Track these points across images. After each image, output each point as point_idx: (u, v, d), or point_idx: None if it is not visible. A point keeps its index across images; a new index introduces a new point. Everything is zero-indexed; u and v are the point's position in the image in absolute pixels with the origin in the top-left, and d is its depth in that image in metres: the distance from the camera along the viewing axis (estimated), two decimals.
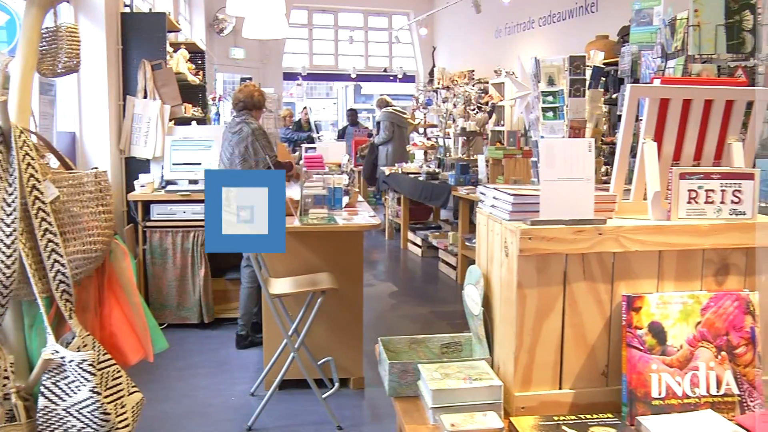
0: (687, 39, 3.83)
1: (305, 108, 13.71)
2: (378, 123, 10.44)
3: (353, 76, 16.07)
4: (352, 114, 13.53)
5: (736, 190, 2.08)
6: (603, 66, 5.80)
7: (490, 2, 10.62)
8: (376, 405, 4.39)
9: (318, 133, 12.49)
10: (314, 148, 4.65)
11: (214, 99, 9.67)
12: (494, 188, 2.14)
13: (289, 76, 15.75)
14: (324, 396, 4.10)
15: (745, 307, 2.03)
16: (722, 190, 2.07)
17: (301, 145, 5.00)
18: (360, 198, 5.46)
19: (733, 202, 2.08)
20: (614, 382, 2.04)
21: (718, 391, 1.99)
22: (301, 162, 4.56)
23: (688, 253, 2.04)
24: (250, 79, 9.36)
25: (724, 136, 2.19)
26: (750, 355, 2.01)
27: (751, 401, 2.01)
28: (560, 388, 2.03)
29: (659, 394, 1.96)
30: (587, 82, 4.75)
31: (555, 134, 5.22)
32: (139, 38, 6.03)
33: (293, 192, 4.59)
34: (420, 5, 15.39)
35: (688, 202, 2.06)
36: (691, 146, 2.16)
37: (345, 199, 4.84)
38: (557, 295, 1.98)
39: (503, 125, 10.34)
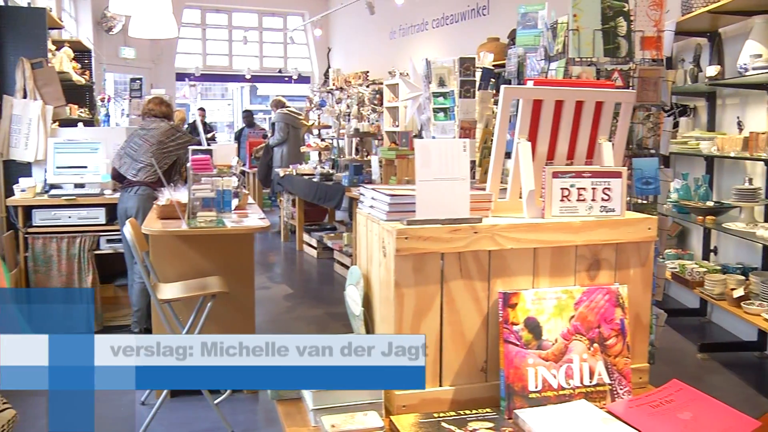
0: (567, 42, 3.95)
1: (199, 110, 13.46)
2: (273, 124, 10.35)
3: (248, 77, 15.86)
4: (248, 115, 13.36)
5: (605, 188, 2.16)
6: (492, 68, 5.93)
7: (384, 4, 10.69)
8: (269, 409, 4.34)
9: (208, 134, 12.23)
10: (200, 150, 4.56)
11: (103, 100, 9.35)
12: (372, 189, 2.16)
13: (183, 76, 15.41)
14: (216, 402, 4.04)
15: (616, 300, 2.11)
16: (593, 188, 2.15)
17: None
18: (250, 200, 5.40)
19: (603, 199, 2.16)
20: (493, 377, 2.08)
21: (590, 382, 2.07)
22: (189, 164, 4.46)
23: (562, 250, 2.11)
24: (140, 79, 9.07)
25: (595, 136, 2.27)
26: (620, 345, 2.10)
27: (621, 389, 2.10)
28: (441, 385, 2.06)
29: (536, 387, 2.02)
30: (477, 84, 4.84)
31: (446, 134, 5.30)
32: (17, 34, 5.76)
33: (181, 195, 4.50)
34: (315, 6, 15.34)
35: (561, 201, 2.13)
36: (564, 146, 2.23)
37: (234, 202, 4.77)
38: (435, 294, 2.00)
39: (398, 126, 10.43)
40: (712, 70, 5.32)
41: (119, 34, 13.09)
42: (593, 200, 2.15)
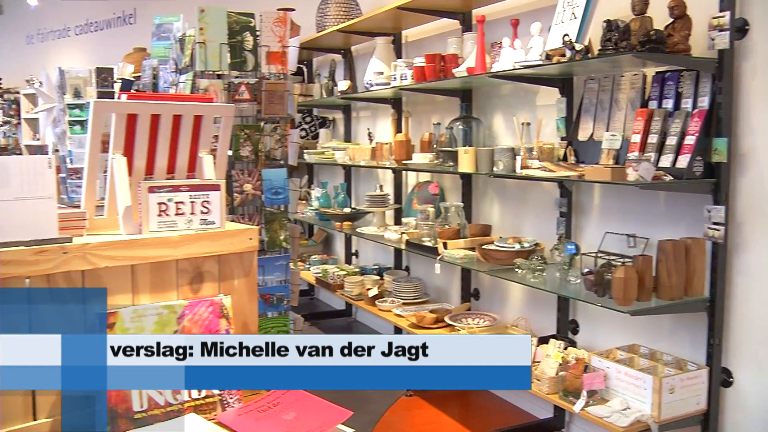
0: (195, 55, 3.96)
1: None
2: None
3: None
4: None
5: (204, 201, 2.18)
6: (133, 79, 5.76)
7: (16, 5, 9.90)
8: None
9: None
10: None
11: None
12: None
13: None
14: None
15: (220, 311, 2.14)
16: (192, 202, 2.16)
17: None
18: None
19: (202, 212, 2.18)
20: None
21: (199, 395, 2.08)
22: None
23: (162, 265, 2.09)
24: None
25: (196, 150, 2.29)
26: None
27: (231, 398, 2.13)
28: (35, 419, 1.93)
29: (141, 407, 1.98)
30: (117, 95, 4.65)
31: (83, 148, 4.99)
32: None
33: None
34: None
35: (159, 215, 2.11)
36: (164, 160, 2.22)
37: None
38: None
39: (38, 139, 9.70)
40: (343, 85, 5.68)
41: None
42: (192, 213, 2.16)
